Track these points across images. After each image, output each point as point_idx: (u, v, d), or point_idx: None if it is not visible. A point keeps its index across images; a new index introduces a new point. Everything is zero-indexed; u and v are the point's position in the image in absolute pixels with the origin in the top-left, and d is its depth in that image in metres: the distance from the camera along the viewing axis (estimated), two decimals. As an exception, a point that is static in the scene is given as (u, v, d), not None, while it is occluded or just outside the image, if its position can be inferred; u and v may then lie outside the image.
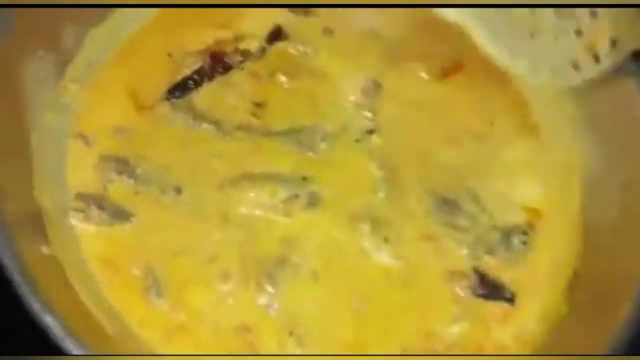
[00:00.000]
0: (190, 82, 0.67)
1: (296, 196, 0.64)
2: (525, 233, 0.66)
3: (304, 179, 0.65)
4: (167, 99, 0.67)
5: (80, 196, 0.62)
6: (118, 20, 0.69)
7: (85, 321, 0.55)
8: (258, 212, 0.64)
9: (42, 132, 0.62)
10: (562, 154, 0.70)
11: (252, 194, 0.64)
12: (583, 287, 0.63)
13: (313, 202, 0.65)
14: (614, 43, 0.61)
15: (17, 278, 0.51)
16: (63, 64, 0.65)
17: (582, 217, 0.67)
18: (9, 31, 0.58)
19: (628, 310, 0.57)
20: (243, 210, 0.64)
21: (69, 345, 0.50)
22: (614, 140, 0.66)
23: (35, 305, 0.51)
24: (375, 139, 0.68)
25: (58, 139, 0.64)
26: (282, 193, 0.64)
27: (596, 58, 0.63)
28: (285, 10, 0.72)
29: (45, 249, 0.56)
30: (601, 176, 0.67)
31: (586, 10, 0.62)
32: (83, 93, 0.66)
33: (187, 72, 0.68)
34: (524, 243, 0.66)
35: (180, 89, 0.67)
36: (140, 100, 0.67)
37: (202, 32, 0.70)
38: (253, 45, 0.70)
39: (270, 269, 0.62)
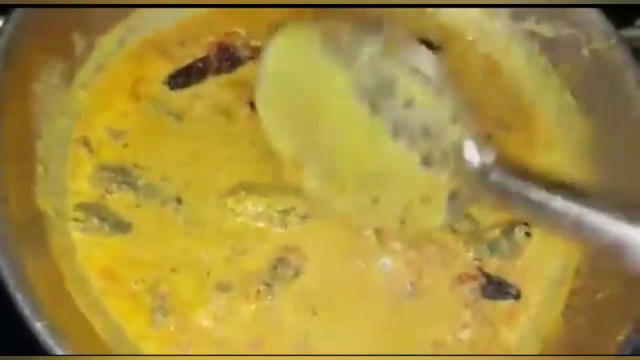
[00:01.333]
0: (194, 70, 0.67)
1: (293, 208, 0.64)
2: (527, 224, 0.65)
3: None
4: (169, 83, 0.67)
5: (81, 206, 0.62)
6: (127, 28, 0.69)
7: (79, 328, 0.54)
8: (255, 224, 0.63)
9: (50, 139, 0.62)
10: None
11: (249, 205, 0.63)
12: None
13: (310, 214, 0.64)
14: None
15: (11, 282, 0.51)
16: (73, 71, 0.65)
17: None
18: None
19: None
20: (240, 220, 0.63)
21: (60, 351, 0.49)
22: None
23: (26, 311, 0.50)
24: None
25: (64, 147, 0.64)
26: (279, 205, 0.64)
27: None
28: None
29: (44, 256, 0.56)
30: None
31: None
32: (89, 97, 0.67)
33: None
34: (527, 234, 0.65)
35: (183, 75, 0.67)
36: (141, 90, 0.67)
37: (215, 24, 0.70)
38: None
39: (268, 279, 0.61)
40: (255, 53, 0.68)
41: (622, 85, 0.66)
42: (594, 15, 0.67)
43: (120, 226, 0.62)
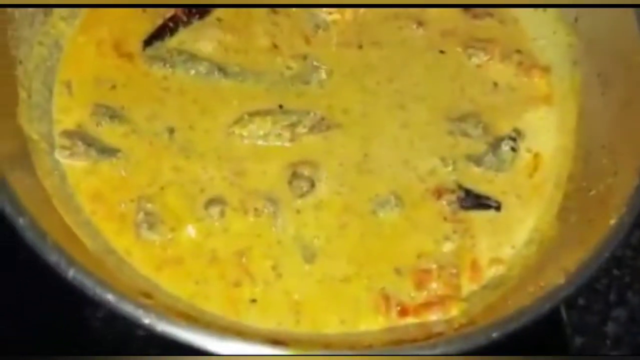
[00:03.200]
0: (164, 31, 0.68)
1: (299, 121, 0.65)
2: (513, 139, 0.67)
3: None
4: (145, 49, 0.68)
5: (66, 133, 0.63)
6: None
7: (70, 240, 0.55)
8: (260, 142, 0.65)
9: (30, 66, 0.63)
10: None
11: (254, 127, 0.65)
12: (573, 207, 0.63)
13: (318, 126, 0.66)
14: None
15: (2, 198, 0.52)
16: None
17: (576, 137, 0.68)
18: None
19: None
20: (244, 142, 0.64)
21: (54, 257, 0.50)
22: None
23: (19, 224, 0.51)
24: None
25: (47, 76, 0.65)
26: (285, 120, 0.65)
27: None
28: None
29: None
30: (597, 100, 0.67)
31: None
32: (70, 32, 0.68)
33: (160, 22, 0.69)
34: (513, 149, 0.67)
35: (155, 37, 0.68)
36: (123, 49, 0.68)
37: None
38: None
39: (272, 193, 0.62)
40: None
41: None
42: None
43: (108, 151, 0.63)
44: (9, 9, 0.62)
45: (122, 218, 0.60)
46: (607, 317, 0.76)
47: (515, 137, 0.67)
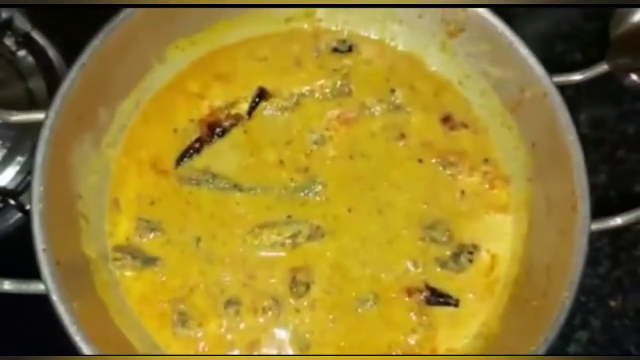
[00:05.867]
0: (191, 150, 0.83)
1: (299, 232, 0.81)
2: (471, 252, 0.82)
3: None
4: (176, 167, 0.83)
5: (118, 248, 0.80)
6: (139, 93, 0.84)
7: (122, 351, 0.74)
8: (267, 251, 0.81)
9: (88, 197, 0.79)
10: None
11: (262, 237, 0.81)
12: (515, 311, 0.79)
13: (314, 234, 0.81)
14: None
15: (65, 318, 0.69)
16: (99, 137, 0.81)
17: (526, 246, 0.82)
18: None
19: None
20: (255, 251, 0.81)
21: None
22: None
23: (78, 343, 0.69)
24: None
25: (100, 200, 0.81)
26: (287, 231, 0.81)
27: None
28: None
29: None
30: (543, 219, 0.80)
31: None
32: (115, 156, 0.83)
33: (188, 142, 0.83)
34: (470, 261, 0.82)
35: (185, 156, 0.83)
36: (159, 167, 0.83)
37: (198, 104, 0.85)
38: (243, 108, 0.85)
39: (276, 294, 0.79)
40: (238, 120, 0.85)
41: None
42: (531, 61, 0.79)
43: (150, 260, 0.80)
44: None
45: (162, 316, 0.79)
46: (570, 339, 0.92)
47: (472, 250, 0.82)
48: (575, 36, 1.01)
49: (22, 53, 0.93)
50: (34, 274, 0.71)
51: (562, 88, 0.79)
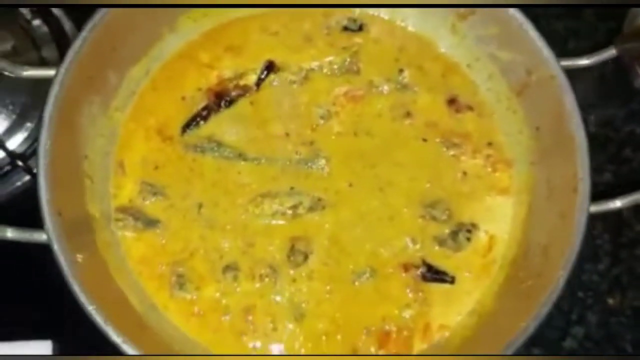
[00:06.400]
0: (198, 118, 0.85)
1: (300, 203, 0.82)
2: (469, 231, 0.83)
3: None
4: (182, 134, 0.84)
5: (120, 209, 0.82)
6: (149, 61, 0.86)
7: (119, 305, 0.75)
8: (269, 219, 0.82)
9: (94, 158, 0.81)
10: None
11: (264, 206, 0.82)
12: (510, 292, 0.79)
13: (315, 206, 0.82)
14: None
15: (68, 278, 0.71)
16: (108, 100, 0.83)
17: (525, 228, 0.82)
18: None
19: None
20: (256, 219, 0.82)
21: (109, 331, 0.70)
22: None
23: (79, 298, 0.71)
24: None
25: (105, 162, 0.82)
26: (289, 202, 0.82)
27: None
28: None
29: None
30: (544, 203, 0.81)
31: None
32: (123, 120, 0.85)
33: (195, 110, 0.85)
34: (468, 239, 0.82)
35: (191, 124, 0.85)
36: (165, 133, 0.84)
37: (207, 74, 0.86)
38: (251, 79, 0.86)
39: (274, 263, 0.80)
40: (246, 90, 0.86)
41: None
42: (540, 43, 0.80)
43: (151, 223, 0.81)
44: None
45: (160, 278, 0.80)
46: (567, 333, 0.92)
47: (471, 229, 0.82)
48: (588, 36, 1.02)
49: (37, 22, 0.94)
50: (41, 235, 0.72)
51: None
